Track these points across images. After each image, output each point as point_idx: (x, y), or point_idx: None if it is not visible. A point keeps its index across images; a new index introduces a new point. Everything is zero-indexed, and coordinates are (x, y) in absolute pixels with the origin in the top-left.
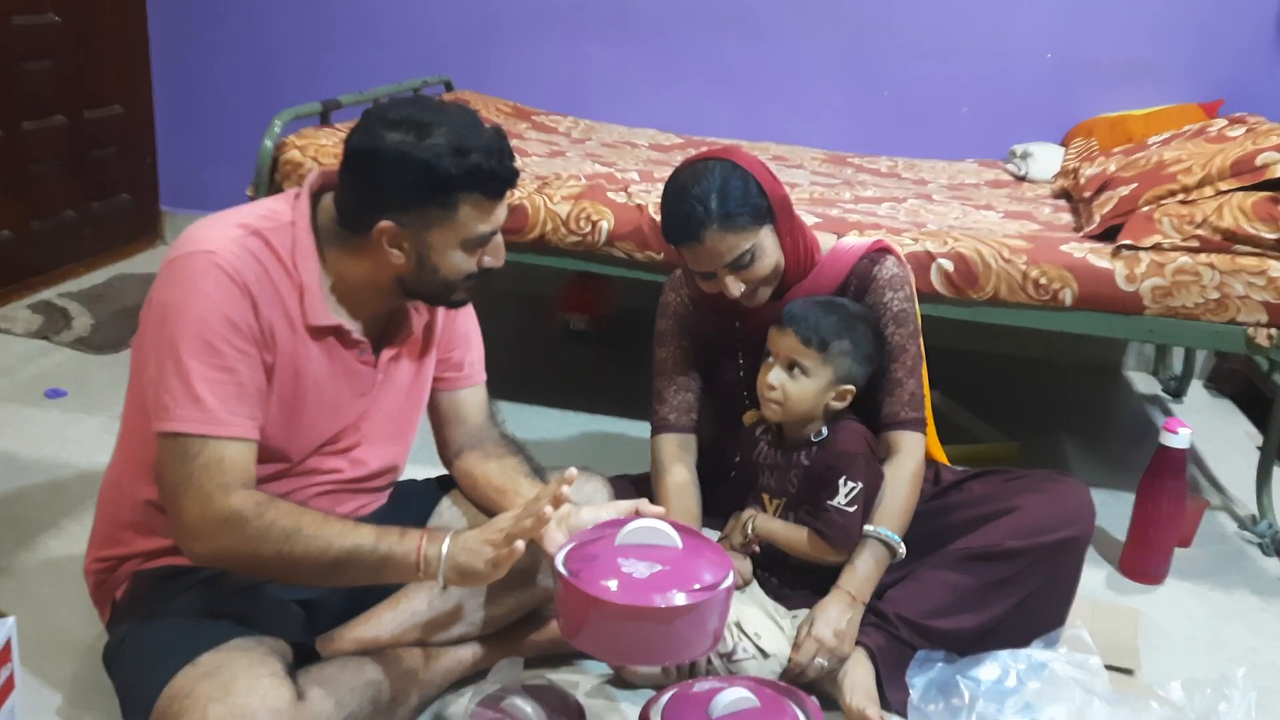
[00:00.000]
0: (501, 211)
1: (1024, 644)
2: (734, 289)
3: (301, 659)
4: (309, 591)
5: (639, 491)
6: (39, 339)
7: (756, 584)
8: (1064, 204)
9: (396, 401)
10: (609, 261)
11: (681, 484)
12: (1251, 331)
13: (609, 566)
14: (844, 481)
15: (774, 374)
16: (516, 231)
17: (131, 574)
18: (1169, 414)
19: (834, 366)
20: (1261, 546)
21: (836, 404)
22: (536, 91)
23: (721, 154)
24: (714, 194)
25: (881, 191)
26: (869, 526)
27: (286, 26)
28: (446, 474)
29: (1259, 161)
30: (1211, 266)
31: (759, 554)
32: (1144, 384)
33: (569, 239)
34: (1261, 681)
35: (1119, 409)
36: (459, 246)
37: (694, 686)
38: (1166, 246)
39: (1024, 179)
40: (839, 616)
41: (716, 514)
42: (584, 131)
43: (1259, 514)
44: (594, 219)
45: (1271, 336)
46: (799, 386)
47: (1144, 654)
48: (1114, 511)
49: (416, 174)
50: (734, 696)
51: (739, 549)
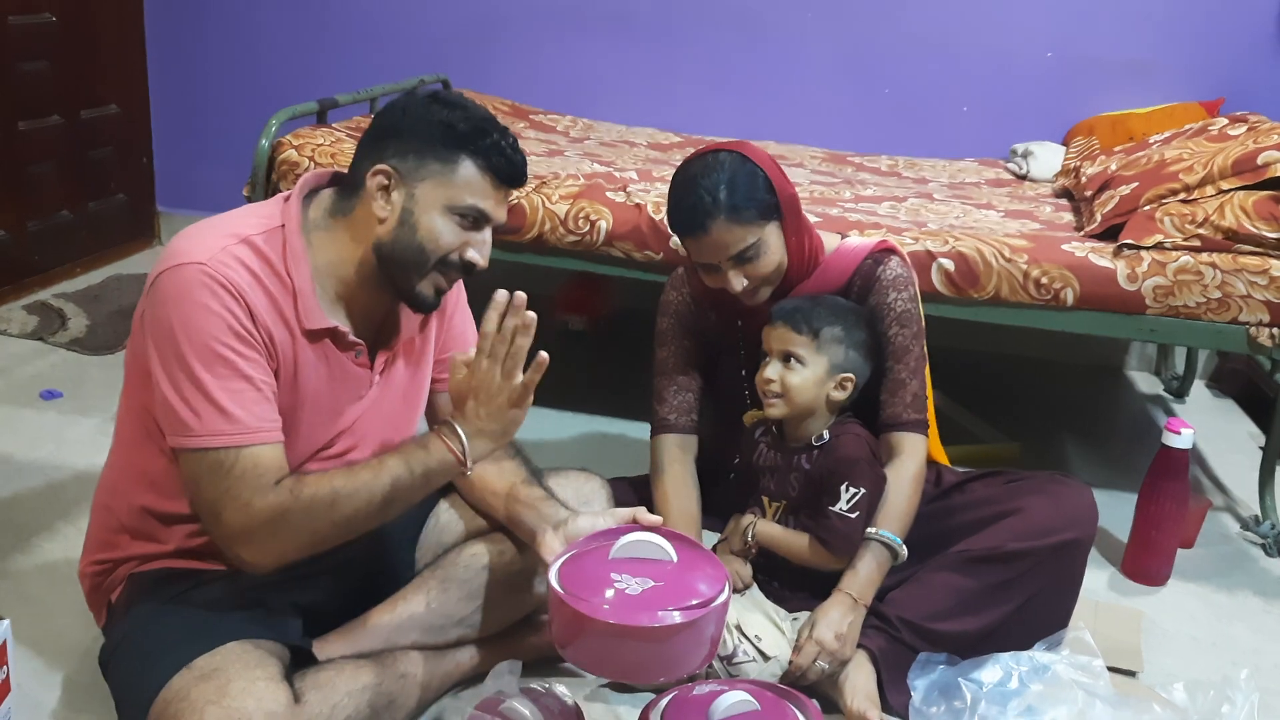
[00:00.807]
0: (496, 202)
1: (1026, 646)
2: (736, 283)
3: (299, 662)
4: (307, 594)
5: (637, 494)
6: (34, 340)
7: (757, 587)
8: (1065, 203)
9: (393, 404)
10: (607, 261)
11: (681, 485)
12: (1253, 331)
13: (602, 581)
14: (846, 487)
15: (770, 369)
16: (514, 231)
17: (127, 577)
18: (1171, 414)
19: (828, 354)
20: (1264, 547)
21: (838, 394)
22: (534, 90)
23: (733, 147)
24: (723, 185)
25: (882, 190)
26: (870, 529)
27: (283, 26)
28: None
29: (1260, 160)
30: (1213, 266)
31: (758, 557)
32: (1146, 384)
33: (567, 239)
34: (1265, 683)
35: (1121, 409)
36: (445, 210)
37: (694, 689)
38: (1168, 246)
39: (1025, 178)
40: (840, 619)
41: (717, 514)
42: (582, 130)
43: (1262, 515)
44: (592, 218)
45: (1273, 336)
46: (797, 376)
47: (1147, 656)
48: (1116, 513)
49: (432, 124)
50: (734, 699)
51: (738, 554)
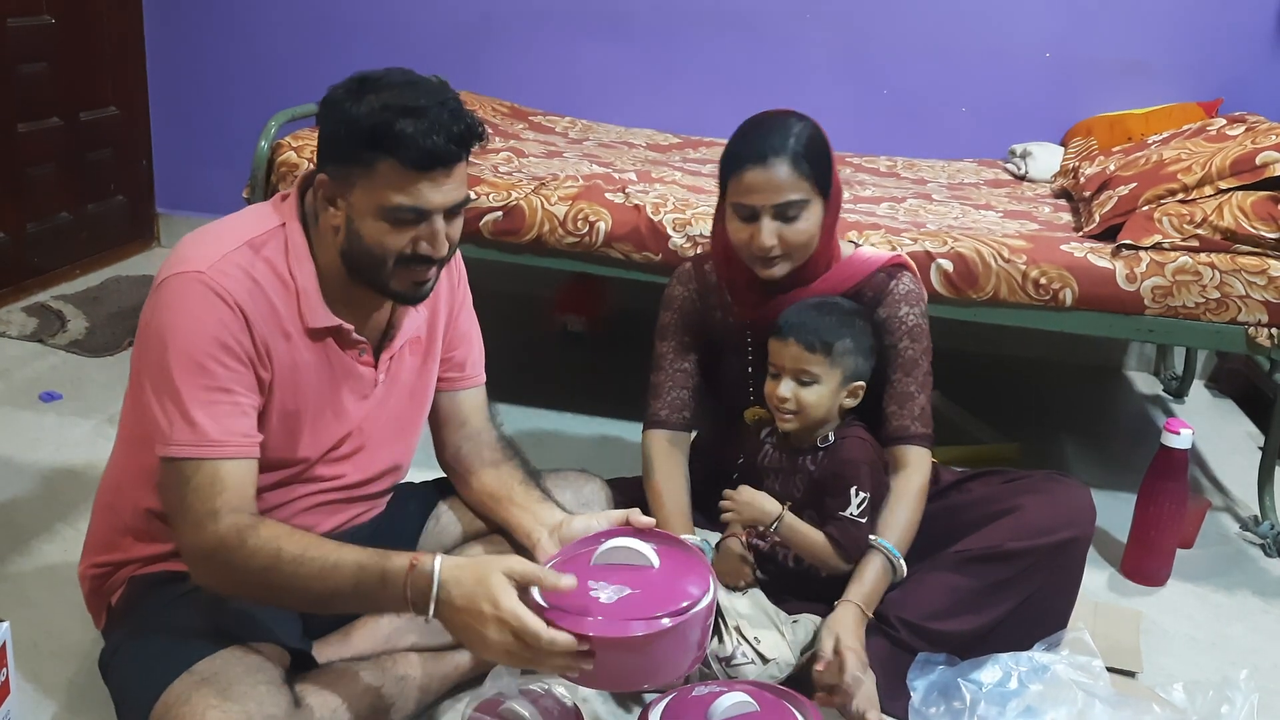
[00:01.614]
0: (428, 190)
1: (1025, 646)
2: (769, 238)
3: (299, 666)
4: None
5: (629, 497)
6: (34, 342)
7: (758, 588)
8: (1064, 203)
9: (400, 403)
10: (606, 262)
11: (672, 481)
12: (1252, 331)
13: (579, 590)
14: (855, 492)
15: (784, 387)
16: (513, 232)
17: (128, 579)
18: (1170, 414)
19: (841, 367)
20: (1264, 547)
21: (849, 401)
22: (533, 91)
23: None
24: (795, 135)
25: (880, 191)
26: (873, 537)
27: (282, 28)
28: (444, 477)
29: (1259, 160)
30: (1212, 266)
31: (757, 556)
32: (1145, 384)
33: (566, 240)
34: (1264, 683)
35: (1120, 409)
36: (378, 215)
37: (693, 691)
38: (1167, 246)
39: (1023, 178)
40: (858, 627)
41: (716, 514)
42: (581, 131)
43: (1261, 515)
44: (591, 219)
45: (1272, 336)
46: (812, 394)
47: (1146, 656)
48: (1115, 513)
49: (337, 124)
50: (733, 700)
51: (745, 543)
